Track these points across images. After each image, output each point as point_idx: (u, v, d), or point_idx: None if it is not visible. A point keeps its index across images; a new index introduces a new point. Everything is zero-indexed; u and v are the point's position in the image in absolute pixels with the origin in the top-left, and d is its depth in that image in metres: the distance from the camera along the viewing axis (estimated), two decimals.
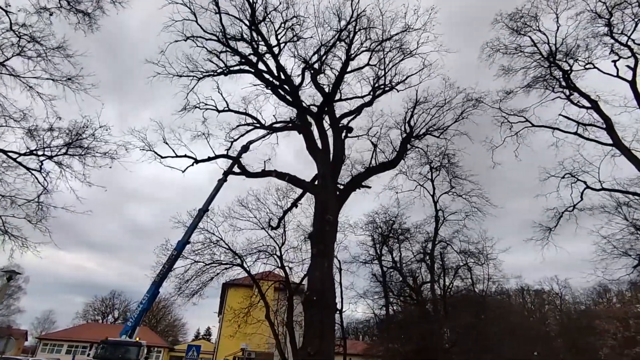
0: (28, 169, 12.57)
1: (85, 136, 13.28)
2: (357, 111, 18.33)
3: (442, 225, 22.89)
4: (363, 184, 17.24)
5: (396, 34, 15.14)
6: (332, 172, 15.77)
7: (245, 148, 20.04)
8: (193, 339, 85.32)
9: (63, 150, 12.81)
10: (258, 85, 17.21)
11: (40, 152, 12.27)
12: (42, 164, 12.55)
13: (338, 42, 15.38)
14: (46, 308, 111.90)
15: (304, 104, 17.08)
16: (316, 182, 17.33)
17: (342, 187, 17.04)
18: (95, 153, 14.18)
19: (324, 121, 17.34)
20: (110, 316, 71.51)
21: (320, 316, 12.59)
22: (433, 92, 19.04)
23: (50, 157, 12.60)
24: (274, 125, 19.95)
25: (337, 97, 17.33)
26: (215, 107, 19.35)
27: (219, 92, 19.13)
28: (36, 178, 12.79)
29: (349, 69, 16.74)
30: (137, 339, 16.71)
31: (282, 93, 16.51)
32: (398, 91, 18.85)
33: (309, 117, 17.75)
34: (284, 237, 24.28)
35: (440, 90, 18.98)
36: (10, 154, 12.17)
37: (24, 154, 12.14)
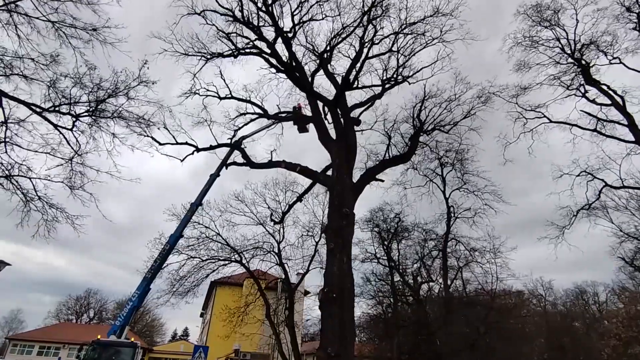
0: (56, 126, 10.69)
1: (121, 93, 11.61)
2: (371, 101, 17.63)
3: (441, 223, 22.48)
4: (377, 177, 16.51)
5: (423, 19, 14.41)
6: (347, 164, 14.95)
7: (237, 145, 19.02)
8: (170, 340, 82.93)
9: (89, 108, 11.01)
10: (269, 69, 16.21)
11: (65, 110, 10.58)
12: (76, 119, 10.82)
13: (362, 25, 14.51)
14: (12, 307, 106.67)
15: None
16: (328, 174, 16.59)
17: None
18: (128, 116, 12.57)
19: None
20: (85, 316, 68.33)
21: (340, 315, 11.76)
22: (442, 87, 18.72)
23: (77, 117, 10.88)
24: (280, 115, 19.07)
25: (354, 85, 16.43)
26: (217, 93, 18.29)
27: (221, 77, 18.11)
28: (65, 138, 11.09)
29: (370, 55, 15.93)
30: (132, 339, 15.38)
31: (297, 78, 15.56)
32: (410, 84, 18.32)
33: (320, 107, 16.96)
34: (281, 233, 23.38)
35: (450, 85, 18.67)
36: (33, 107, 10.13)
37: (48, 110, 10.37)
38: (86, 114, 10.91)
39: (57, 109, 10.39)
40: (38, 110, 10.12)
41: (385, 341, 29.31)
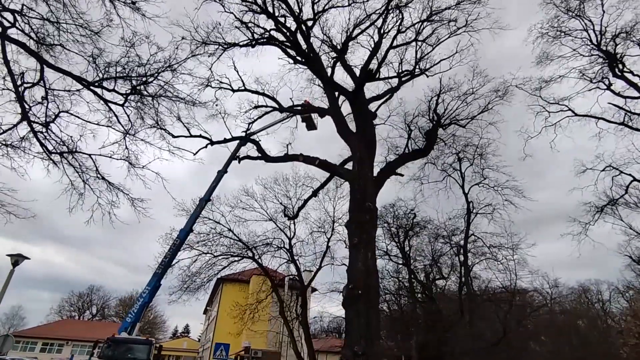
0: (107, 101, 10.00)
1: (170, 69, 10.80)
2: (388, 94, 17.20)
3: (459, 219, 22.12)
4: (396, 171, 16.11)
5: (455, 4, 13.92)
6: (369, 157, 14.53)
7: (245, 139, 18.65)
8: (171, 337, 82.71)
9: (138, 83, 10.17)
10: (287, 60, 15.79)
11: (110, 85, 9.89)
12: (129, 94, 10.07)
13: (382, 15, 14.07)
14: (12, 303, 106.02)
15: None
16: (346, 167, 16.22)
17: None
18: (172, 94, 11.65)
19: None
20: (87, 312, 67.96)
21: (365, 313, 11.37)
22: (458, 80, 18.37)
23: (131, 92, 10.13)
24: (295, 108, 18.65)
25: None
26: (230, 86, 17.86)
27: (235, 69, 17.69)
28: (115, 116, 10.40)
29: (395, 44, 15.50)
30: (147, 336, 15.02)
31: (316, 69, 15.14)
32: (427, 76, 17.96)
33: (338, 99, 16.55)
34: (292, 230, 22.97)
35: (467, 78, 18.32)
36: (83, 82, 9.31)
37: (94, 84, 9.69)
38: (133, 90, 10.24)
39: (102, 83, 9.68)
40: (85, 83, 9.34)
41: (393, 339, 28.99)
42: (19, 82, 8.92)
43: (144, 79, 10.27)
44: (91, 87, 9.71)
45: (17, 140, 9.87)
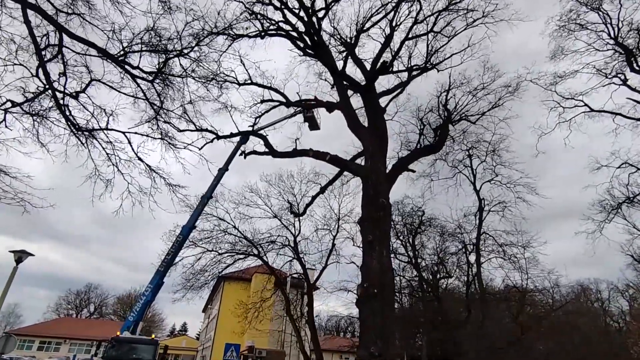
0: (134, 76, 9.00)
1: (199, 43, 9.97)
2: (399, 88, 16.83)
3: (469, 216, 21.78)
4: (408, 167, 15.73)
5: None
6: (381, 152, 14.13)
7: (245, 138, 18.24)
8: (169, 335, 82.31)
9: (166, 57, 9.31)
10: (298, 52, 15.38)
11: (134, 62, 9.15)
12: (159, 71, 9.29)
13: (405, 0, 13.67)
14: (9, 301, 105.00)
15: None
16: (357, 162, 15.85)
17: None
18: (204, 70, 10.92)
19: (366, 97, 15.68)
20: (85, 310, 67.34)
21: (381, 312, 10.97)
22: (469, 75, 18.14)
23: (160, 71, 9.40)
24: (302, 102, 18.24)
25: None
26: (236, 79, 17.41)
27: (241, 62, 17.25)
28: (143, 93, 9.59)
29: (410, 35, 15.11)
30: (153, 336, 14.60)
31: (326, 61, 14.72)
32: (438, 71, 17.63)
33: (348, 92, 16.13)
34: (297, 227, 22.57)
35: (477, 73, 18.07)
36: (110, 55, 8.41)
37: (118, 57, 8.87)
38: (161, 66, 9.60)
39: (126, 58, 8.95)
40: (109, 55, 8.55)
41: (396, 338, 28.61)
42: (42, 46, 8.19)
43: (175, 52, 9.55)
44: (115, 61, 8.85)
45: (44, 110, 8.99)
